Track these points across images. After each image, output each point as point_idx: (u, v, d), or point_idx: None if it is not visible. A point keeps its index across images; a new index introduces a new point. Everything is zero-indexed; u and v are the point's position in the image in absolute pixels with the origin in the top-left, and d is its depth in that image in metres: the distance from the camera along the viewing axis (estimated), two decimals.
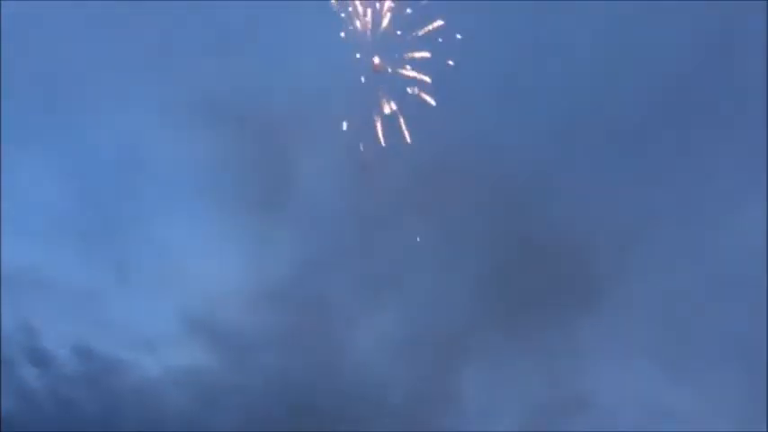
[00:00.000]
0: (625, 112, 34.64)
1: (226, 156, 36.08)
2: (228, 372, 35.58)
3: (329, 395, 34.83)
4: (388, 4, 27.89)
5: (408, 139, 28.17)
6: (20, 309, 33.39)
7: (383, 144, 28.54)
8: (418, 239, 34.71)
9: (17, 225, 33.40)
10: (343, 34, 27.52)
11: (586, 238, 35.44)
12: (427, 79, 27.60)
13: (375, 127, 28.64)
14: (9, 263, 32.68)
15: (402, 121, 28.10)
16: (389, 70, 28.06)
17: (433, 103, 27.62)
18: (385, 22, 27.55)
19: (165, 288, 35.36)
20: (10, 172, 33.08)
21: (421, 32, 27.55)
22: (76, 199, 34.56)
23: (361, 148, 28.47)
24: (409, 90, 27.74)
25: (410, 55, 27.94)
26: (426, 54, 27.78)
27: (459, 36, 27.22)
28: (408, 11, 27.38)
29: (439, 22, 27.37)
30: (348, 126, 27.89)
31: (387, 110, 28.30)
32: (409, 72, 27.88)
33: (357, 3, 27.54)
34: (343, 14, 27.13)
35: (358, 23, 27.71)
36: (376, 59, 28.58)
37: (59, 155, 34.34)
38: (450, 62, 27.30)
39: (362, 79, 27.89)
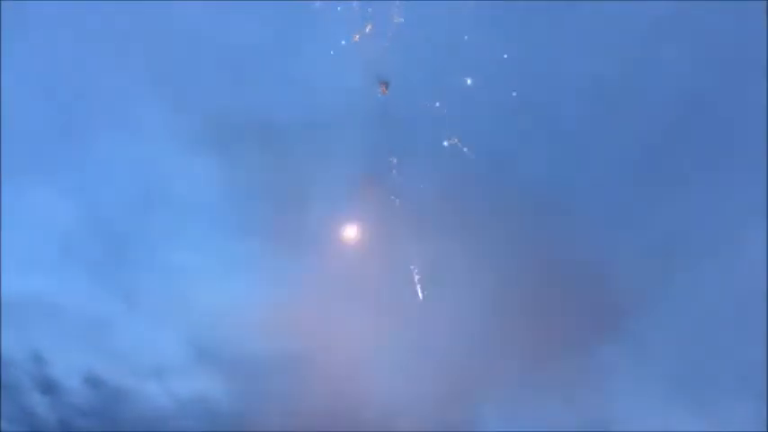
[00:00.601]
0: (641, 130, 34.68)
1: (237, 184, 36.15)
2: (238, 400, 35.41)
3: (343, 422, 34.66)
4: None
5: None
6: (29, 337, 33.45)
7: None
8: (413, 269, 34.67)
9: (27, 253, 33.52)
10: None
11: (610, 262, 35.04)
12: None
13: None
14: (19, 290, 32.72)
15: None
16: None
17: None
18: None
19: (175, 316, 35.29)
20: (20, 199, 33.14)
21: None
22: (87, 227, 34.44)
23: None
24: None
25: None
26: None
27: None
28: None
29: None
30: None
31: None
32: None
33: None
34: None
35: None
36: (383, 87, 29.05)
37: (70, 183, 34.17)
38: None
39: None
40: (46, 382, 33.48)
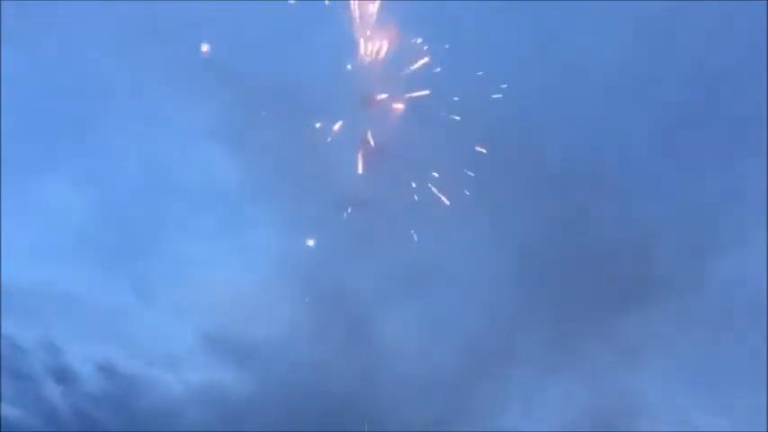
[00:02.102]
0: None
1: (247, 175, 36.48)
2: (251, 387, 35.76)
3: (359, 408, 34.99)
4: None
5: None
6: (44, 326, 33.85)
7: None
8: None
9: (42, 243, 34.03)
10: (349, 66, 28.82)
11: (644, 238, 35.21)
12: None
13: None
14: (34, 280, 33.05)
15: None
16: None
17: None
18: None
19: (187, 305, 35.68)
20: (36, 191, 33.71)
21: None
22: (100, 217, 34.88)
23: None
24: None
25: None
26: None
27: None
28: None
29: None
30: None
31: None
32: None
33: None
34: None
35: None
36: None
37: (85, 174, 34.77)
38: None
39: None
40: (60, 370, 33.87)
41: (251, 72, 34.53)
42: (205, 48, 31.56)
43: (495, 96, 29.91)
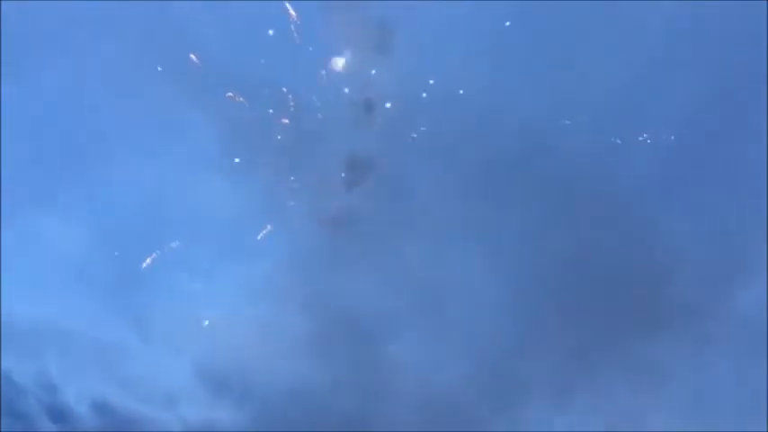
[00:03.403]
0: None
1: (248, 209, 36.30)
2: (248, 425, 35.09)
3: None
4: None
5: None
6: (41, 363, 33.60)
7: None
8: None
9: (39, 279, 33.84)
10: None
11: (665, 262, 34.46)
12: None
13: None
14: (31, 317, 32.97)
15: None
16: None
17: None
18: None
19: (185, 341, 35.25)
20: (33, 226, 33.68)
21: None
22: (99, 252, 34.72)
23: None
24: None
25: None
26: None
27: None
28: None
29: None
30: None
31: None
32: None
33: None
34: None
35: None
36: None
37: (82, 210, 34.65)
38: None
39: None
40: (57, 408, 33.50)
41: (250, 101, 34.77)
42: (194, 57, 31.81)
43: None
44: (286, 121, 33.19)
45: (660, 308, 35.23)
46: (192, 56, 31.42)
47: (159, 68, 33.79)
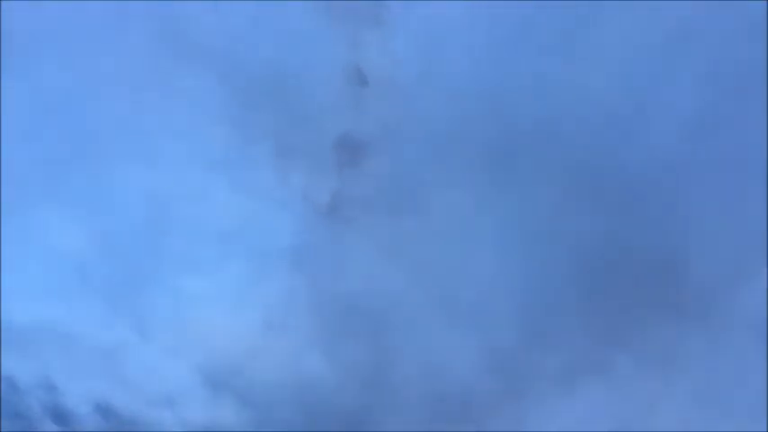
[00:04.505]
0: None
1: (250, 211, 36.18)
2: (251, 426, 34.68)
3: None
4: None
5: None
6: (41, 365, 33.35)
7: None
8: None
9: (39, 280, 33.74)
10: None
11: (680, 249, 33.99)
12: None
13: None
14: (31, 318, 32.78)
15: None
16: None
17: None
18: None
19: (188, 344, 35.01)
20: (32, 226, 33.59)
21: None
22: (99, 254, 34.64)
23: None
24: None
25: None
26: None
27: None
28: None
29: None
30: None
31: None
32: None
33: None
34: None
35: None
36: None
37: (82, 209, 34.48)
38: None
39: None
40: (58, 410, 33.22)
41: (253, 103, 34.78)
42: None
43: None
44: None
45: (677, 294, 34.59)
46: None
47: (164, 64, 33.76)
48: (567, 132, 33.51)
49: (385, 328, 36.00)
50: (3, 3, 31.76)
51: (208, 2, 33.17)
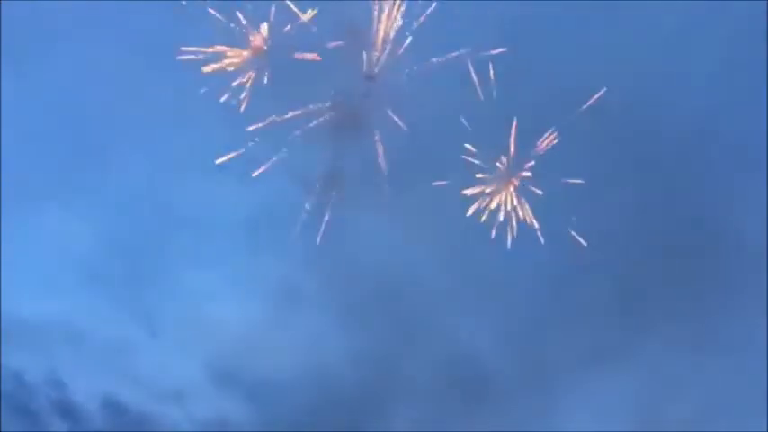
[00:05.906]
0: None
1: (257, 206, 35.81)
2: (259, 422, 34.27)
3: None
4: None
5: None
6: (49, 361, 33.52)
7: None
8: None
9: (48, 277, 34.00)
10: None
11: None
12: None
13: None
14: (40, 314, 32.96)
15: None
16: None
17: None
18: None
19: (195, 338, 34.85)
20: (41, 223, 33.76)
21: None
22: (106, 250, 34.54)
23: None
24: None
25: None
26: None
27: None
28: None
29: None
30: None
31: None
32: None
33: None
34: None
35: None
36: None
37: (90, 207, 34.42)
38: None
39: None
40: (66, 405, 33.30)
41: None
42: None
43: None
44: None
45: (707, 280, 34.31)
46: None
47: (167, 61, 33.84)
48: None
49: (400, 316, 35.31)
50: (3, 3, 32.50)
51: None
